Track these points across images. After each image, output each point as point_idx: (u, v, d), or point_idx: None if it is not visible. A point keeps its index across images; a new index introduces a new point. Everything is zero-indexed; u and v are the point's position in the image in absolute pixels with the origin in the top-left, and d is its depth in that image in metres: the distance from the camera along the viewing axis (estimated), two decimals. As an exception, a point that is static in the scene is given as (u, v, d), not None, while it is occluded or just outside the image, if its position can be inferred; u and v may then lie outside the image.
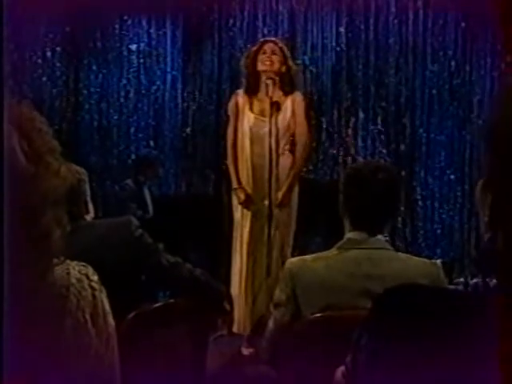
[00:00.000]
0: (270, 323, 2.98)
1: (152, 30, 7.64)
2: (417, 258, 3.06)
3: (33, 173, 1.35)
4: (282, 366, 2.94)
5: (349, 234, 2.85)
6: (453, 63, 7.39)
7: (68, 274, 1.47)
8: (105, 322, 1.50)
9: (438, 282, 2.66)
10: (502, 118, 1.18)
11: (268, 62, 5.05)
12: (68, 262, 1.49)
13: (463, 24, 7.34)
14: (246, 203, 5.15)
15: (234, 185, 5.20)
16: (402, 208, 7.36)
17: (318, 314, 2.70)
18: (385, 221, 2.96)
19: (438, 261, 3.10)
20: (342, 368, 1.90)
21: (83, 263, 1.53)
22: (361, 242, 2.83)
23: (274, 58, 5.08)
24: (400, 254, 3.07)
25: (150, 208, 7.09)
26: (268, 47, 5.12)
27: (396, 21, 7.39)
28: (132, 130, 7.71)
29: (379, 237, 2.86)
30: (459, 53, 7.37)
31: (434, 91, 7.44)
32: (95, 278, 1.51)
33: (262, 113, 5.11)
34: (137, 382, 2.02)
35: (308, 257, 3.03)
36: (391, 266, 2.77)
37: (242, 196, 5.13)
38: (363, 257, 2.81)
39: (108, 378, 1.51)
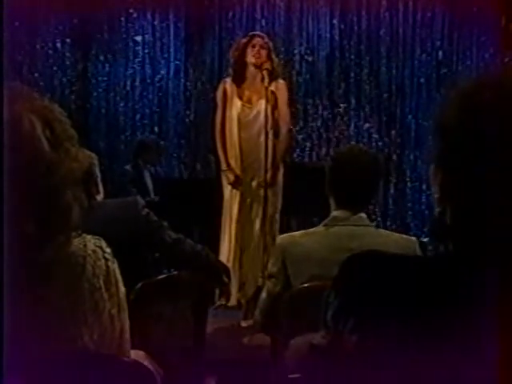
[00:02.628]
0: (263, 293, 3.12)
1: (156, 23, 7.70)
2: (395, 234, 3.14)
3: (55, 157, 1.46)
4: (274, 333, 3.06)
5: (334, 213, 3.01)
6: (440, 53, 7.47)
7: (85, 245, 1.61)
8: (116, 288, 1.65)
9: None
10: (449, 112, 1.27)
11: (257, 55, 5.20)
12: (84, 235, 1.62)
13: (450, 16, 7.39)
14: (235, 184, 5.32)
15: (223, 167, 5.37)
16: (393, 190, 7.54)
17: (306, 284, 2.84)
18: (366, 200, 3.08)
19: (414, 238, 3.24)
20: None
21: (98, 237, 1.65)
22: (344, 219, 2.97)
23: (263, 52, 5.23)
24: (380, 230, 3.18)
25: (151, 191, 7.13)
26: (257, 41, 5.27)
27: (387, 13, 7.46)
28: (138, 116, 7.79)
29: (361, 215, 3.00)
30: (446, 44, 7.44)
31: (423, 80, 7.53)
32: (108, 250, 1.65)
33: (248, 101, 5.29)
34: (142, 347, 1.98)
35: (297, 233, 3.13)
36: (371, 241, 2.88)
37: (232, 177, 5.31)
38: (346, 233, 2.94)
39: (119, 336, 1.67)
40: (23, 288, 1.47)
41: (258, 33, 5.59)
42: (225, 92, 5.39)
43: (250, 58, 5.26)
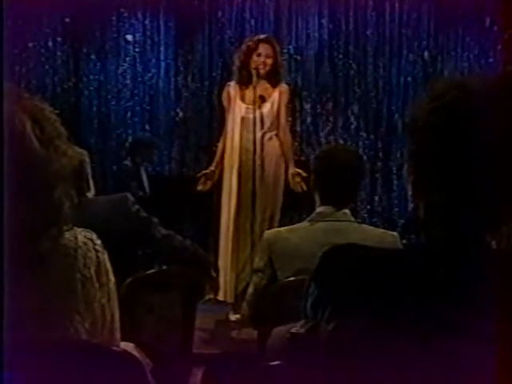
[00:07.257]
0: (250, 287, 3.22)
1: (147, 22, 7.71)
2: (378, 229, 3.30)
3: (45, 154, 1.51)
4: (261, 326, 3.07)
5: (318, 209, 3.12)
6: (426, 53, 7.51)
7: (76, 238, 1.66)
8: (107, 278, 1.70)
9: (394, 250, 2.89)
10: (418, 114, 1.33)
11: (262, 65, 5.26)
12: (75, 228, 1.67)
13: (435, 17, 7.44)
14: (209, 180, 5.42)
15: (211, 167, 5.49)
16: (380, 187, 7.59)
17: (291, 278, 2.92)
18: (350, 197, 3.19)
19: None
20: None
21: (88, 230, 1.72)
22: (328, 215, 3.08)
23: (268, 61, 5.30)
24: (363, 225, 3.28)
25: (147, 187, 7.18)
26: (263, 49, 5.30)
27: (374, 13, 7.50)
28: (129, 114, 7.79)
29: (345, 211, 3.11)
30: (432, 44, 7.49)
31: (409, 79, 7.57)
32: (99, 242, 1.70)
33: (252, 103, 5.32)
34: (132, 340, 1.99)
35: (283, 228, 3.25)
36: (354, 236, 2.97)
37: (211, 180, 5.41)
38: (330, 228, 3.04)
39: (110, 325, 1.71)
40: (21, 278, 1.51)
41: (265, 38, 5.54)
42: (228, 95, 5.48)
43: (254, 65, 5.30)
